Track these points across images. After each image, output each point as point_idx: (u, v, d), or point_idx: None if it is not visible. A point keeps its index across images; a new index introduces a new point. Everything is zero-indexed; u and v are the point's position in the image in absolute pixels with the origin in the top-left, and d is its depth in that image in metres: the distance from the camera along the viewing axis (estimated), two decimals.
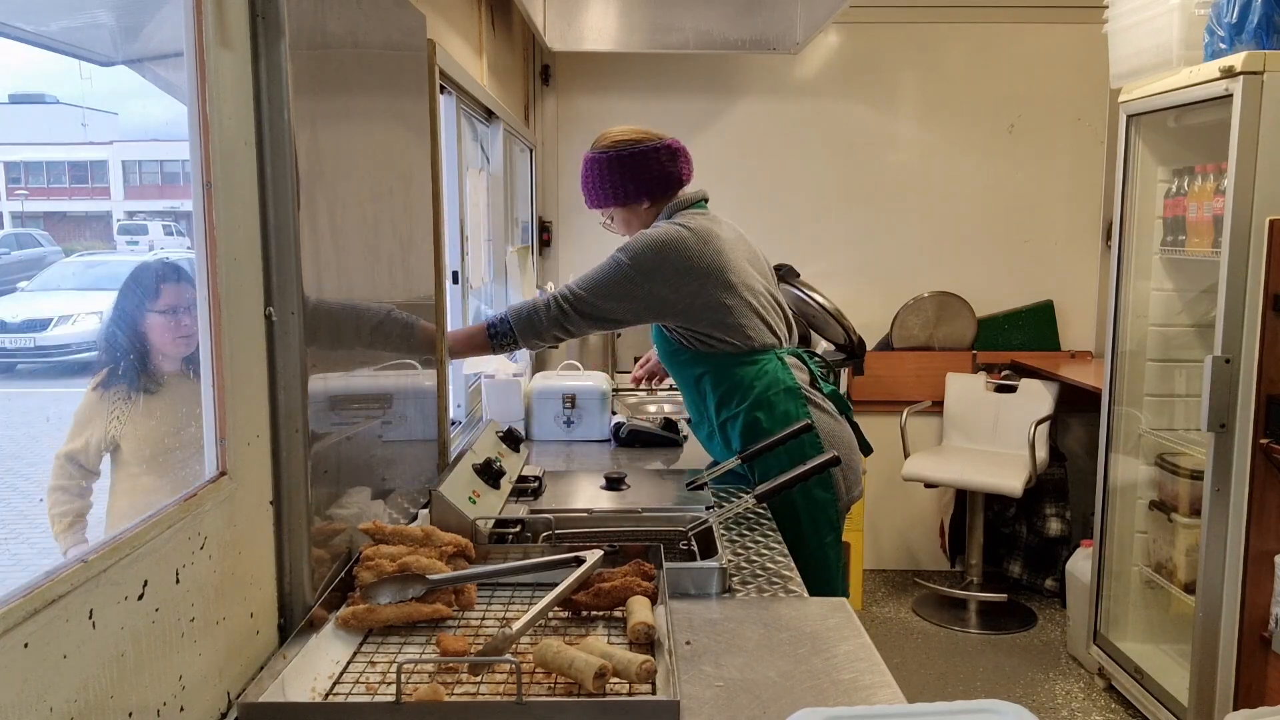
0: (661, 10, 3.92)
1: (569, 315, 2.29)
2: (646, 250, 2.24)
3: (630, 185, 2.35)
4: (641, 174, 2.34)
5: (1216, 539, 2.82)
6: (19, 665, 0.83)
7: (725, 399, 2.31)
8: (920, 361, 4.64)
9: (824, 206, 4.66)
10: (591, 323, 2.32)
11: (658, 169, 2.35)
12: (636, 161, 2.34)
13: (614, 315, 2.30)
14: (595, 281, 2.28)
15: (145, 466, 1.62)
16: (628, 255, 2.25)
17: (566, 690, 1.24)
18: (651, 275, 2.24)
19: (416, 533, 1.60)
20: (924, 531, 4.80)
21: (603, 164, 2.37)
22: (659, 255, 2.24)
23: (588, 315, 2.29)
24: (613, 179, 2.36)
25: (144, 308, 1.59)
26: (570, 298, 2.29)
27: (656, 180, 2.35)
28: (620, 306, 2.28)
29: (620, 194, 2.37)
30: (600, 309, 2.28)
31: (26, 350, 1.74)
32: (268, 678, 1.21)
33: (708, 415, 2.37)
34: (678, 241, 2.24)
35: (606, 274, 2.27)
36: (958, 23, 4.56)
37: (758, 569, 1.77)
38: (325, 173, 1.45)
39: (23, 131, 1.47)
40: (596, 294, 2.27)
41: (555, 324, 2.30)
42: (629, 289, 2.25)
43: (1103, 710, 3.46)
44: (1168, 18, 3.01)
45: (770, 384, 2.28)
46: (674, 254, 2.24)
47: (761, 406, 2.27)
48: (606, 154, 2.36)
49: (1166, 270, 3.38)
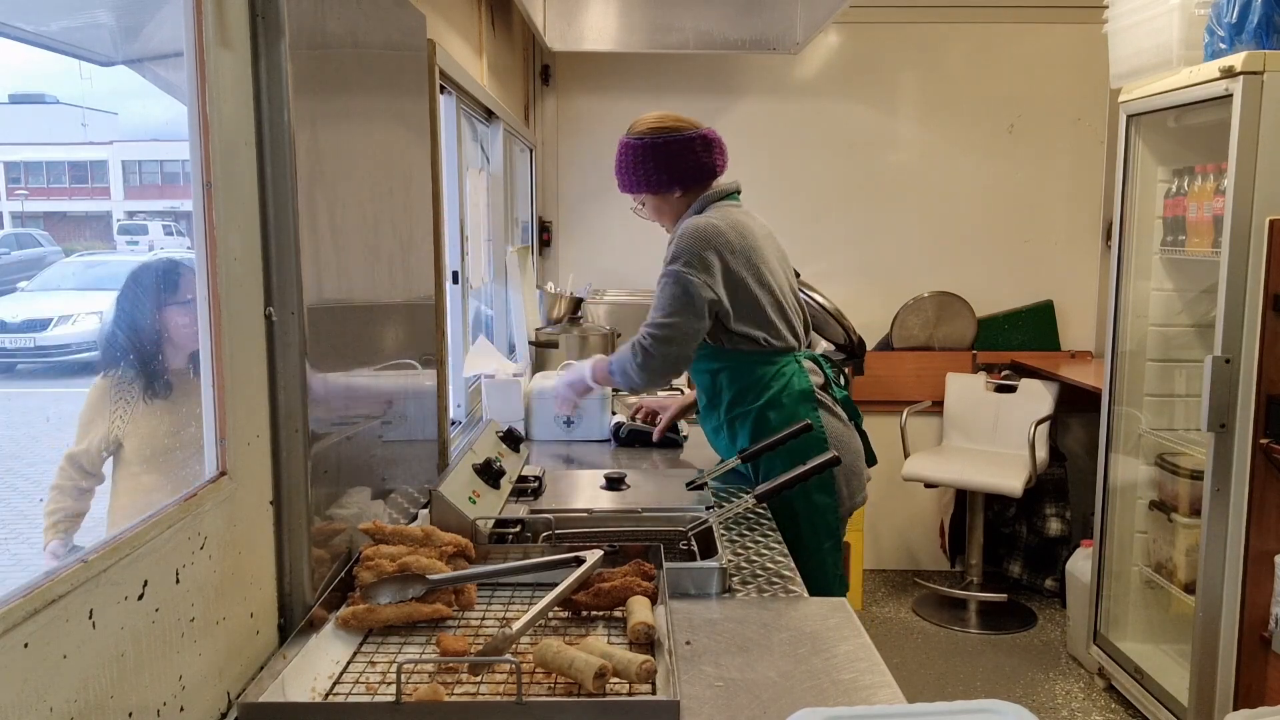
0: (661, 10, 3.93)
1: (649, 352, 2.23)
2: (695, 251, 2.21)
3: (664, 174, 2.32)
4: (676, 163, 2.31)
5: (1216, 539, 2.82)
6: (19, 665, 0.83)
7: (740, 396, 2.30)
8: (920, 361, 4.64)
9: (824, 206, 4.66)
10: (675, 346, 2.23)
11: (692, 159, 2.32)
12: (671, 150, 2.31)
13: (692, 328, 2.23)
14: (658, 304, 2.24)
15: (145, 466, 1.62)
16: (681, 264, 2.21)
17: (566, 690, 1.24)
18: (708, 270, 2.21)
19: (416, 533, 1.60)
20: (924, 531, 4.80)
21: (637, 150, 2.33)
22: (709, 251, 2.22)
23: (668, 340, 2.22)
24: (646, 166, 2.32)
25: (162, 303, 1.59)
26: (647, 332, 2.24)
27: (690, 170, 2.32)
28: (692, 315, 2.22)
29: (654, 181, 2.33)
30: (677, 326, 2.21)
31: (26, 350, 1.74)
32: (268, 678, 1.21)
33: (719, 410, 2.36)
34: (717, 236, 2.23)
35: (668, 291, 2.23)
36: (958, 23, 4.56)
37: (758, 569, 1.77)
38: (325, 173, 1.45)
39: (23, 131, 1.47)
40: (667, 313, 2.22)
41: (641, 362, 2.25)
42: (694, 292, 2.20)
43: (1103, 710, 3.46)
44: (1168, 18, 3.01)
45: (786, 385, 2.28)
46: (720, 245, 2.22)
47: (774, 406, 2.27)
48: (642, 140, 2.32)
49: (1166, 270, 3.38)
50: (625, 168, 2.35)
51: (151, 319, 1.55)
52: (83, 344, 1.79)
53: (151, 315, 1.55)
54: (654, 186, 2.34)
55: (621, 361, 2.32)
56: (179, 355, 1.51)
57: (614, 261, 4.62)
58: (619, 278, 4.54)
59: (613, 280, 4.52)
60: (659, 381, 2.36)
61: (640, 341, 2.26)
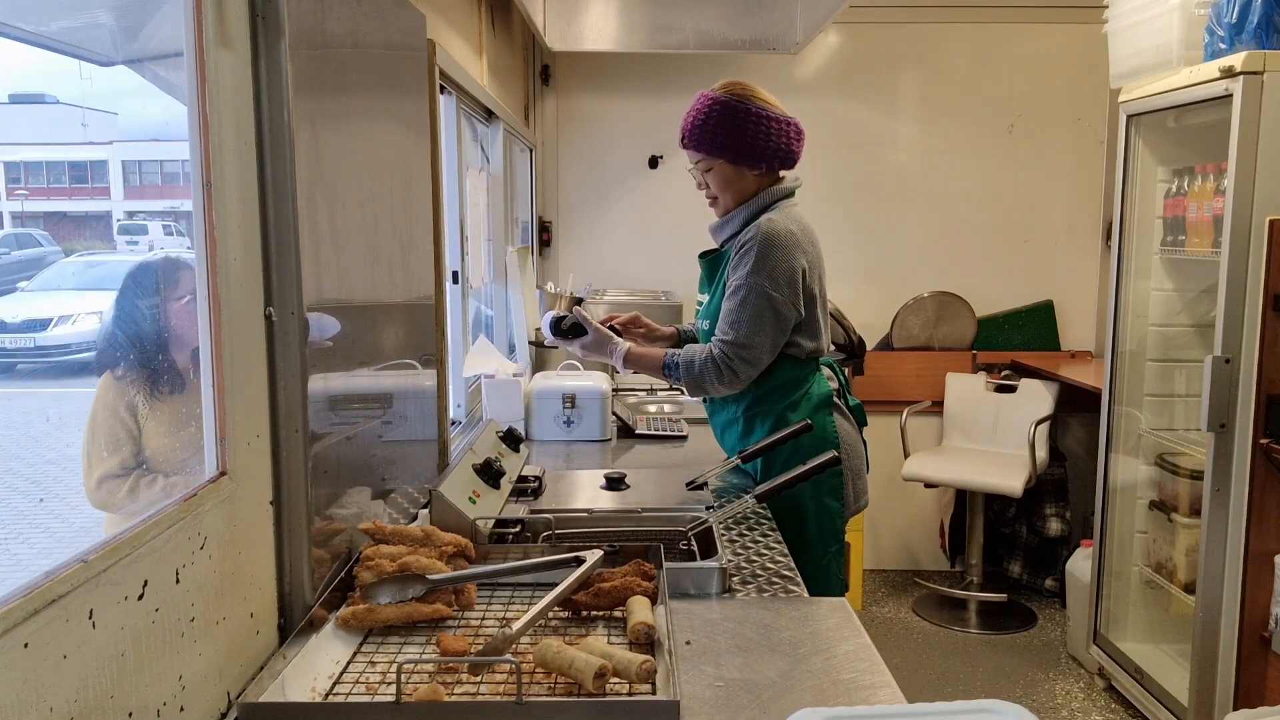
0: (661, 10, 3.92)
1: (731, 368, 2.15)
2: (780, 263, 2.12)
3: (757, 146, 2.18)
4: (770, 141, 2.18)
5: (1216, 539, 2.82)
6: (19, 665, 0.83)
7: (764, 396, 2.25)
8: (920, 361, 4.64)
9: (824, 206, 4.65)
10: (756, 366, 2.17)
11: (784, 142, 2.21)
12: (772, 127, 2.19)
13: (772, 342, 2.16)
14: (741, 319, 2.14)
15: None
16: (767, 280, 2.12)
17: (566, 690, 1.24)
18: (792, 284, 2.14)
19: (416, 533, 1.60)
20: (924, 531, 4.80)
21: (737, 112, 2.17)
22: (792, 263, 2.14)
23: (750, 360, 2.15)
24: (739, 132, 2.17)
25: (164, 299, 1.58)
26: (728, 350, 2.14)
27: (780, 152, 2.21)
28: (776, 330, 2.16)
29: (742, 150, 2.18)
30: (760, 343, 2.14)
31: (26, 350, 1.74)
32: (268, 678, 1.21)
33: (737, 404, 2.30)
34: (797, 247, 2.15)
35: (750, 305, 2.13)
36: (958, 23, 4.56)
37: (758, 569, 1.77)
38: (325, 173, 1.45)
39: (23, 131, 1.47)
40: (751, 330, 2.14)
41: (718, 377, 2.16)
42: (778, 306, 2.13)
43: (1103, 710, 3.46)
44: (1168, 18, 3.01)
45: (809, 391, 2.26)
46: (800, 258, 2.15)
47: (795, 408, 2.24)
48: (744, 104, 2.17)
49: (1166, 270, 3.38)
50: (712, 125, 2.18)
51: (171, 309, 1.53)
52: (83, 344, 1.79)
53: (170, 305, 1.53)
54: (739, 156, 2.19)
55: (692, 368, 2.19)
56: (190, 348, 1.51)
57: (614, 261, 4.62)
58: (619, 278, 4.55)
59: (613, 280, 4.52)
60: (700, 395, 2.30)
61: (721, 357, 2.15)
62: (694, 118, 2.21)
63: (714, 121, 2.18)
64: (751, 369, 2.17)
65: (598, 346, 2.29)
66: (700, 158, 2.23)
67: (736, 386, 2.21)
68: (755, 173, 2.22)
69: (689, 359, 2.20)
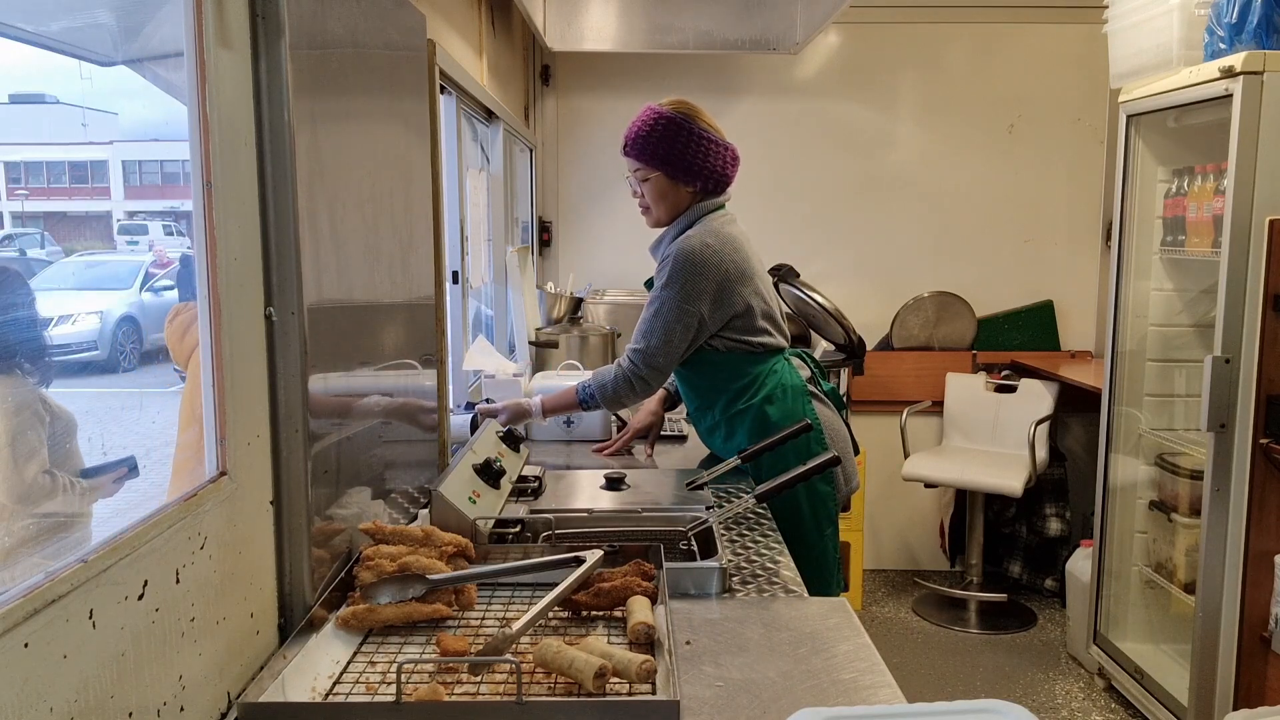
0: (661, 10, 3.93)
1: (643, 378, 2.28)
2: (691, 279, 2.22)
3: (695, 165, 2.26)
4: (710, 162, 2.28)
5: (1216, 539, 2.82)
6: (19, 665, 0.83)
7: (738, 395, 2.33)
8: (920, 361, 4.64)
9: (824, 206, 4.66)
10: (665, 374, 2.31)
11: (720, 165, 2.30)
12: (711, 149, 2.27)
13: (680, 352, 2.28)
14: (653, 330, 2.26)
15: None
16: (676, 291, 2.23)
17: (566, 690, 1.24)
18: (701, 298, 2.23)
19: (416, 533, 1.60)
20: (924, 531, 4.80)
21: (680, 129, 2.25)
22: (703, 278, 2.22)
23: (660, 367, 2.28)
24: (679, 148, 2.25)
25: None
26: (637, 360, 2.28)
27: (715, 174, 2.29)
28: (683, 341, 2.27)
29: (681, 167, 2.26)
30: (670, 352, 2.26)
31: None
32: (268, 678, 1.21)
33: (714, 409, 2.38)
34: (714, 260, 2.23)
35: (662, 317, 2.25)
36: (958, 23, 4.56)
37: (758, 569, 1.77)
38: (325, 173, 1.45)
39: (23, 131, 1.47)
40: (662, 340, 2.25)
41: (632, 390, 2.31)
42: (687, 320, 2.24)
43: (1103, 710, 3.46)
44: (1168, 18, 3.01)
45: (780, 381, 2.33)
46: (714, 271, 2.23)
47: (772, 401, 2.31)
48: (689, 123, 2.25)
49: (1166, 270, 3.38)
50: (656, 138, 2.25)
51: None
52: (83, 344, 1.79)
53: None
54: (676, 170, 2.27)
55: (605, 390, 2.33)
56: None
57: (614, 261, 4.62)
58: (619, 278, 4.54)
59: (613, 280, 4.52)
60: (620, 409, 2.49)
61: (631, 369, 2.28)
62: (638, 128, 2.29)
63: (657, 134, 2.25)
64: (661, 376, 2.30)
65: (518, 416, 2.43)
66: (639, 167, 2.31)
67: (649, 393, 2.36)
68: (689, 190, 2.31)
69: (600, 383, 2.35)
